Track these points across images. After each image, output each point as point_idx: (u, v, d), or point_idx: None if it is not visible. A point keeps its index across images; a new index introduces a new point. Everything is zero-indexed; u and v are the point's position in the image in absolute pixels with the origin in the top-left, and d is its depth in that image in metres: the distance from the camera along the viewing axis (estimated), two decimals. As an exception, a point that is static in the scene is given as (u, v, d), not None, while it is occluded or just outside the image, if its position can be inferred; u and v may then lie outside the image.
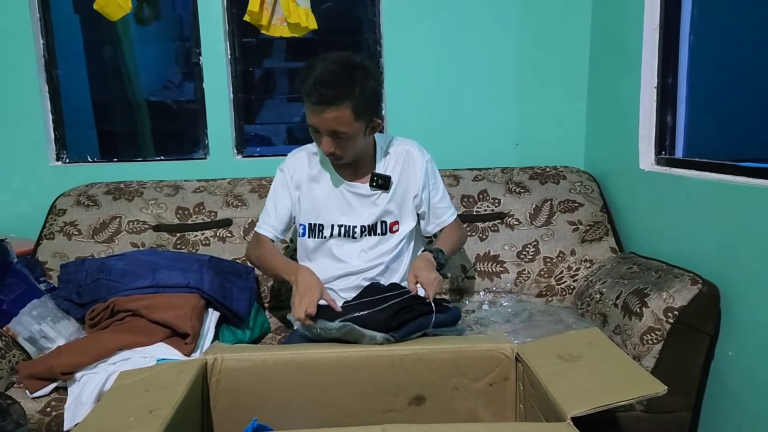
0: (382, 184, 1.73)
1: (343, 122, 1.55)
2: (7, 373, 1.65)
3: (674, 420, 1.62)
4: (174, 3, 2.89)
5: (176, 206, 2.26)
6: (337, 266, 1.76)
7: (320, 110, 1.53)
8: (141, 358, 1.58)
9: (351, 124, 1.56)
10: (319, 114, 1.54)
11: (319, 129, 1.58)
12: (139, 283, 1.76)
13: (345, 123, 1.55)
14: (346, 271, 1.75)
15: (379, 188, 1.73)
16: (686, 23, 2.00)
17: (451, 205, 1.86)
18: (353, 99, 1.53)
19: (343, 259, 1.76)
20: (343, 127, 1.55)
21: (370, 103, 1.60)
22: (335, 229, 1.75)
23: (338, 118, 1.54)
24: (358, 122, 1.57)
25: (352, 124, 1.56)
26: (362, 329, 1.39)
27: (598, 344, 1.32)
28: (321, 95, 1.51)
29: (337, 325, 1.40)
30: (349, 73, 1.55)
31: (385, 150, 1.78)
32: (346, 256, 1.76)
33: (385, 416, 1.34)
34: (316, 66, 1.54)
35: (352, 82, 1.53)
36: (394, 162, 1.77)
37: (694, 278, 1.61)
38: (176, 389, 1.16)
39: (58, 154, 2.56)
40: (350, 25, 2.71)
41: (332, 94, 1.51)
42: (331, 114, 1.53)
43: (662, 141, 2.05)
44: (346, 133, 1.57)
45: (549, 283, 2.18)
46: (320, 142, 1.62)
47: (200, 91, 2.51)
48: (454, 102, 2.53)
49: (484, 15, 2.47)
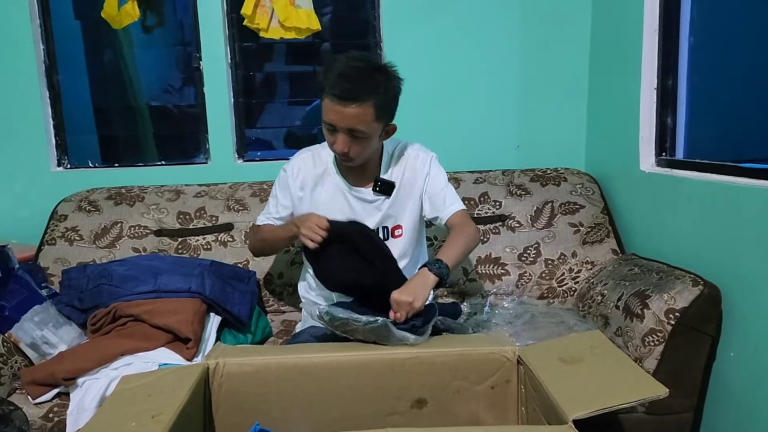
0: (385, 190, 1.71)
1: (363, 120, 1.52)
2: (10, 379, 1.65)
3: (676, 421, 1.62)
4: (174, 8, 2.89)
5: (177, 211, 2.27)
6: None
7: (342, 106, 1.49)
8: (143, 364, 1.58)
9: (370, 123, 1.53)
10: (339, 110, 1.50)
11: (337, 126, 1.53)
12: (141, 288, 1.77)
13: (365, 122, 1.52)
14: None
15: (382, 193, 1.71)
16: (686, 25, 2.01)
17: (456, 199, 1.76)
18: (377, 98, 1.51)
19: None
20: (362, 125, 1.52)
21: (391, 104, 1.59)
22: None
23: (359, 116, 1.51)
24: (377, 123, 1.55)
25: (371, 123, 1.53)
26: (393, 328, 1.35)
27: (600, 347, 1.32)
28: (345, 90, 1.48)
29: (367, 320, 1.34)
30: (373, 71, 1.53)
31: (391, 155, 1.75)
32: None
33: (388, 420, 1.34)
34: (339, 60, 1.53)
35: (376, 81, 1.52)
36: (399, 167, 1.74)
37: (696, 279, 1.61)
38: (178, 394, 1.16)
39: (60, 159, 2.57)
40: (351, 29, 2.72)
41: (357, 90, 1.48)
42: (353, 110, 1.50)
43: (662, 142, 2.05)
44: (363, 132, 1.54)
45: (550, 285, 2.18)
46: (334, 141, 1.57)
47: (201, 95, 2.52)
48: (454, 105, 2.53)
49: (484, 18, 2.47)
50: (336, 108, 1.51)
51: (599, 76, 2.43)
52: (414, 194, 1.75)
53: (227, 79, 2.50)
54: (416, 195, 1.75)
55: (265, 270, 2.19)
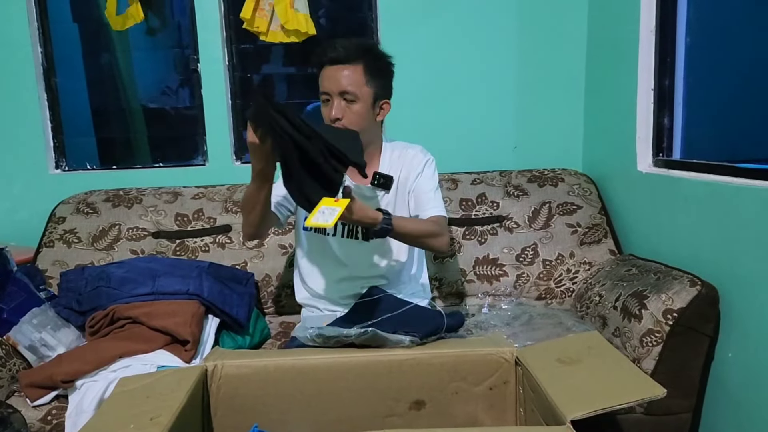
0: (384, 183, 1.69)
1: (353, 81, 1.59)
2: (8, 382, 1.65)
3: (675, 422, 1.62)
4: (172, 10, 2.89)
5: (175, 213, 2.27)
6: (338, 269, 1.76)
7: (333, 69, 1.59)
8: (141, 366, 1.58)
9: (362, 86, 1.60)
10: (331, 74, 1.59)
11: (330, 92, 1.60)
12: (139, 290, 1.76)
13: (355, 83, 1.59)
14: (347, 274, 1.75)
15: (380, 187, 1.70)
16: (682, 25, 2.01)
17: (441, 205, 1.74)
18: (366, 60, 1.60)
19: (345, 262, 1.76)
20: (352, 86, 1.59)
21: (382, 73, 1.65)
22: (338, 227, 1.74)
23: (349, 77, 1.59)
24: (368, 87, 1.61)
25: (362, 86, 1.60)
26: (386, 334, 1.36)
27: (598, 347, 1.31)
28: (336, 51, 1.59)
29: (357, 332, 1.36)
30: (363, 43, 1.70)
31: (390, 152, 1.77)
32: (347, 258, 1.75)
33: (386, 421, 1.34)
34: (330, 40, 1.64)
35: (364, 47, 1.64)
36: (398, 165, 1.75)
37: (693, 280, 1.61)
38: (176, 396, 1.16)
39: (58, 162, 2.57)
40: (348, 29, 2.72)
41: (346, 52, 1.59)
42: (343, 72, 1.59)
43: (660, 143, 2.06)
44: (355, 93, 1.59)
45: (548, 285, 2.18)
46: (329, 112, 1.61)
47: (199, 97, 2.53)
48: (452, 105, 2.53)
49: (481, 18, 2.48)
50: (327, 73, 1.61)
51: (596, 76, 2.44)
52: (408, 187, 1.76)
53: (225, 81, 2.50)
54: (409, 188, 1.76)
55: (263, 272, 2.19)
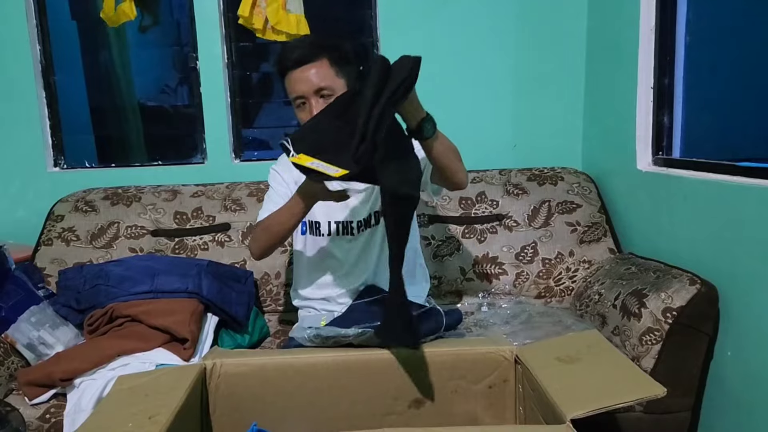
0: None
1: (324, 77, 1.56)
2: (6, 380, 1.65)
3: (674, 420, 1.62)
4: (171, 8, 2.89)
5: (174, 211, 2.26)
6: (333, 268, 1.76)
7: (299, 71, 1.55)
8: (140, 364, 1.58)
9: (333, 78, 1.57)
10: (299, 76, 1.55)
11: (305, 94, 1.56)
12: (138, 288, 1.76)
13: (327, 77, 1.56)
14: (342, 273, 1.75)
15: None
16: (682, 24, 2.01)
17: None
18: (328, 53, 1.57)
19: (340, 260, 1.75)
20: (325, 81, 1.55)
21: (349, 60, 1.62)
22: (332, 226, 1.73)
23: (319, 74, 1.55)
24: (339, 77, 1.58)
25: (334, 78, 1.57)
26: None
27: (597, 346, 1.31)
28: (296, 53, 1.55)
29: (355, 332, 1.35)
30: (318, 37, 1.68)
31: None
32: (342, 256, 1.75)
33: (385, 420, 1.34)
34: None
35: (320, 41, 1.60)
36: None
37: (693, 278, 1.61)
38: (175, 394, 1.15)
39: (56, 160, 2.56)
40: (347, 29, 2.72)
41: (307, 51, 1.56)
42: (310, 71, 1.55)
43: (659, 141, 2.05)
44: (330, 87, 1.56)
45: (548, 284, 2.18)
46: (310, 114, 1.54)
47: (198, 95, 2.52)
48: (451, 104, 2.52)
49: (480, 17, 2.47)
50: (295, 76, 1.56)
51: (596, 75, 2.44)
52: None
53: (224, 79, 2.49)
54: None
55: (262, 270, 2.18)
